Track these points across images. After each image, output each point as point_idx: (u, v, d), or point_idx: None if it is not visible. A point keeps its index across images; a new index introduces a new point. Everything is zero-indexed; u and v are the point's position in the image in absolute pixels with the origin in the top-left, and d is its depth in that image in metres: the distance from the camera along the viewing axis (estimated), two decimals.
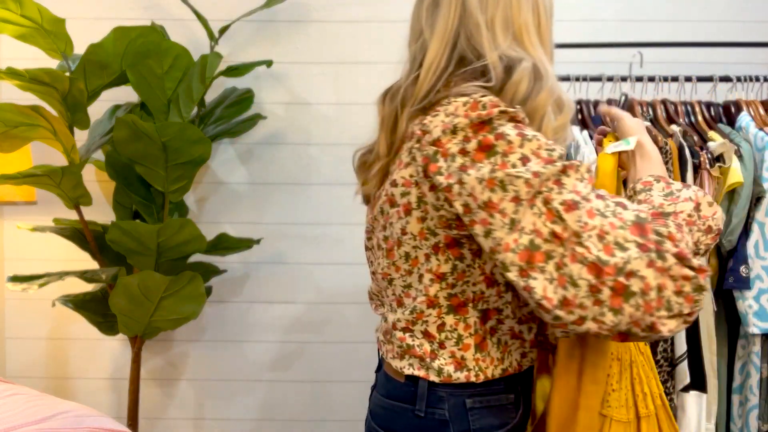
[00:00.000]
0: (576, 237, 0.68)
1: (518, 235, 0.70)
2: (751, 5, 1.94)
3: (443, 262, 0.80)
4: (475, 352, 0.82)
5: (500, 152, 0.71)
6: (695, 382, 1.33)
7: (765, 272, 1.36)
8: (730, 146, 1.39)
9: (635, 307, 0.66)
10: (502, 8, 0.79)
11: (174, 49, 1.64)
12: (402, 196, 0.80)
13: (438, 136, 0.74)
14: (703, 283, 0.67)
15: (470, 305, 0.81)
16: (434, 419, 0.82)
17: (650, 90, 1.60)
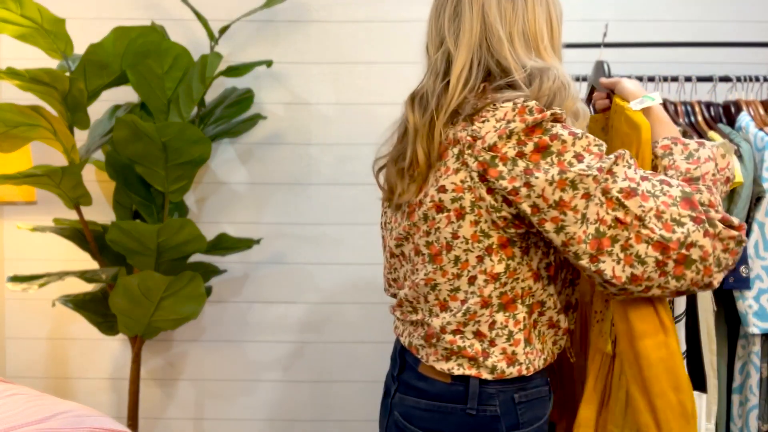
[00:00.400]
0: (639, 220, 0.76)
1: (586, 227, 0.77)
2: (751, 5, 1.94)
3: (497, 263, 0.84)
4: (525, 346, 0.87)
5: (555, 152, 0.77)
6: (695, 382, 1.33)
7: (765, 272, 1.36)
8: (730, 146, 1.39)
9: (696, 272, 0.77)
10: (520, 21, 0.85)
11: (174, 49, 1.64)
12: (453, 201, 0.83)
13: (494, 141, 0.79)
14: (744, 238, 0.78)
15: (519, 301, 0.86)
16: (486, 416, 0.86)
17: (650, 89, 1.60)
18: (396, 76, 1.91)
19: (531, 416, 0.89)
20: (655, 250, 0.76)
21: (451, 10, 0.87)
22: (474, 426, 0.87)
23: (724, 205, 1.39)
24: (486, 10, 0.85)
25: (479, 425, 0.87)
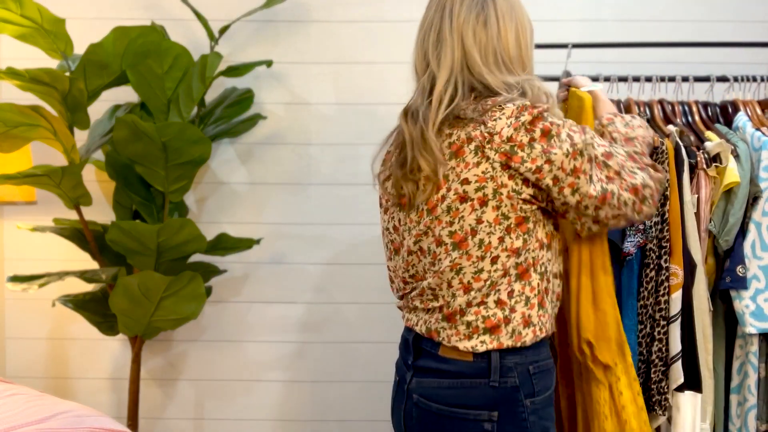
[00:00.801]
0: (618, 174, 1.01)
1: (594, 185, 0.99)
2: (750, 5, 1.94)
3: (515, 239, 0.99)
4: (538, 310, 1.01)
5: (555, 134, 0.98)
6: (690, 382, 1.33)
7: (762, 272, 1.36)
8: (726, 146, 1.39)
9: (648, 206, 1.04)
10: (493, 44, 1.02)
11: (174, 49, 1.65)
12: (476, 191, 0.97)
13: (510, 134, 0.96)
14: (663, 178, 1.09)
15: (531, 270, 1.00)
16: (507, 387, 0.99)
17: (647, 90, 1.61)
18: (396, 76, 1.91)
19: (542, 386, 1.02)
20: (631, 194, 1.02)
21: (435, 36, 1.04)
22: (497, 396, 0.98)
23: (720, 205, 1.40)
24: (464, 37, 1.02)
25: (501, 395, 0.98)
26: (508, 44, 1.03)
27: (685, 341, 1.34)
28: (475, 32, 1.01)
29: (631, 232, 1.34)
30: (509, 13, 1.04)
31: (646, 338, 1.35)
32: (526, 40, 1.06)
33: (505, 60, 1.02)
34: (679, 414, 1.33)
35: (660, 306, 1.34)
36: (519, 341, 0.99)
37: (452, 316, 1.01)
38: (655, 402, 1.33)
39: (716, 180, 1.40)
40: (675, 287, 1.33)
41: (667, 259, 1.34)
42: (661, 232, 1.35)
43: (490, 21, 1.02)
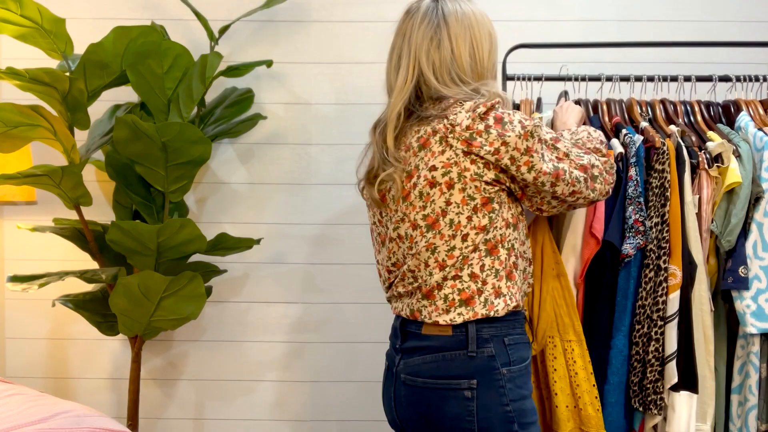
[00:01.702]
0: (566, 156, 1.15)
1: (546, 162, 1.11)
2: (751, 5, 1.94)
3: (482, 218, 1.09)
4: (506, 281, 1.11)
5: (507, 121, 1.09)
6: (686, 382, 1.33)
7: (763, 272, 1.36)
8: (728, 146, 1.39)
9: (600, 183, 1.18)
10: (447, 62, 1.13)
11: (174, 49, 1.65)
12: (443, 175, 1.09)
13: (468, 123, 1.08)
14: (612, 162, 1.22)
15: (499, 246, 1.11)
16: (483, 356, 1.08)
17: (649, 90, 1.60)
18: None
19: (517, 356, 1.11)
20: (582, 171, 1.15)
21: (396, 60, 1.18)
22: (475, 366, 1.07)
23: (722, 205, 1.40)
24: (419, 59, 1.14)
25: (479, 364, 1.07)
26: (462, 62, 1.14)
27: (682, 341, 1.34)
28: (429, 54, 1.14)
29: (631, 234, 1.34)
30: (463, 34, 1.14)
31: (643, 338, 1.35)
32: (482, 54, 1.17)
33: (460, 76, 1.14)
34: (674, 414, 1.33)
35: (658, 306, 1.34)
36: (492, 310, 1.08)
37: (431, 292, 1.11)
38: (650, 401, 1.33)
39: (718, 180, 1.39)
40: (673, 287, 1.34)
41: (666, 260, 1.34)
42: (661, 232, 1.35)
43: (444, 44, 1.14)
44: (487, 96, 1.12)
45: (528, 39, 1.83)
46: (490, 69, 1.20)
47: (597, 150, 1.24)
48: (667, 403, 1.35)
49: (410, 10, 1.18)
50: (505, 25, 1.95)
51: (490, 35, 1.19)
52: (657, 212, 1.35)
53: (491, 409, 1.06)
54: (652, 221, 1.36)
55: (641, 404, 1.35)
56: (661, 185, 1.36)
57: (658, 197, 1.36)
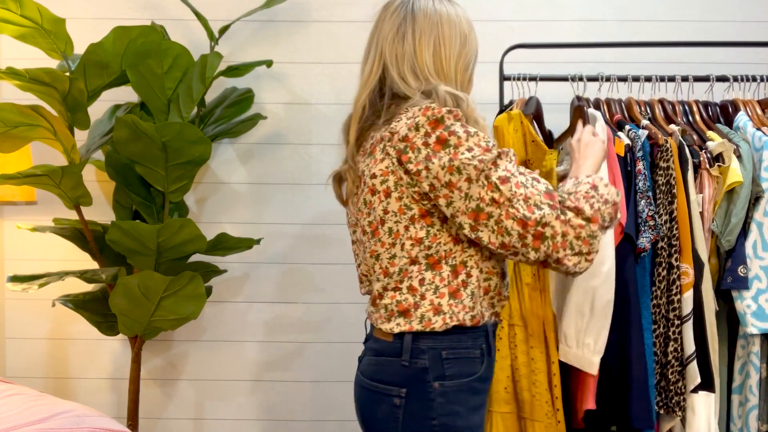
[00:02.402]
0: (509, 201, 1.00)
1: (469, 202, 1.01)
2: (750, 5, 1.94)
3: (419, 229, 1.05)
4: (449, 299, 1.06)
5: (452, 144, 1.01)
6: (704, 382, 1.32)
7: (763, 272, 1.36)
8: (729, 146, 1.39)
9: (547, 247, 1.01)
10: (408, 60, 1.10)
11: (174, 49, 1.65)
12: (381, 183, 1.06)
13: (405, 133, 1.03)
14: (594, 230, 1.02)
15: (443, 262, 1.06)
16: (416, 367, 1.05)
17: (647, 90, 1.61)
18: None
19: (457, 371, 1.06)
20: (518, 225, 1.00)
21: (366, 51, 1.15)
22: (406, 375, 1.06)
23: (723, 204, 1.40)
24: (383, 52, 1.12)
25: (411, 374, 1.06)
26: (422, 59, 1.10)
27: (698, 342, 1.33)
28: (393, 47, 1.11)
29: (645, 228, 1.34)
30: (428, 31, 1.10)
31: (660, 338, 1.34)
32: (448, 54, 1.11)
33: (424, 72, 1.09)
34: (694, 415, 1.32)
35: (673, 305, 1.33)
36: (428, 327, 1.05)
37: (375, 300, 1.11)
38: (674, 403, 1.32)
39: (719, 180, 1.40)
40: (686, 286, 1.33)
41: (677, 258, 1.34)
42: (671, 230, 1.35)
43: (407, 38, 1.10)
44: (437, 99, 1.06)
45: (528, 39, 1.83)
46: (460, 73, 1.13)
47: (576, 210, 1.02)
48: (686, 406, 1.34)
49: (387, 3, 1.16)
50: (506, 25, 1.95)
51: (463, 38, 1.13)
52: (665, 209, 1.35)
53: (417, 420, 1.05)
54: (661, 218, 1.35)
55: (664, 407, 1.34)
56: (667, 182, 1.36)
57: (665, 194, 1.35)
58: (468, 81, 1.15)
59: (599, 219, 1.03)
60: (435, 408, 1.04)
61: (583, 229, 1.01)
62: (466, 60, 1.13)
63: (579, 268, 1.03)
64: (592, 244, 1.02)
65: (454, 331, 1.06)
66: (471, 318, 1.07)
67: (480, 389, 1.10)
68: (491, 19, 1.95)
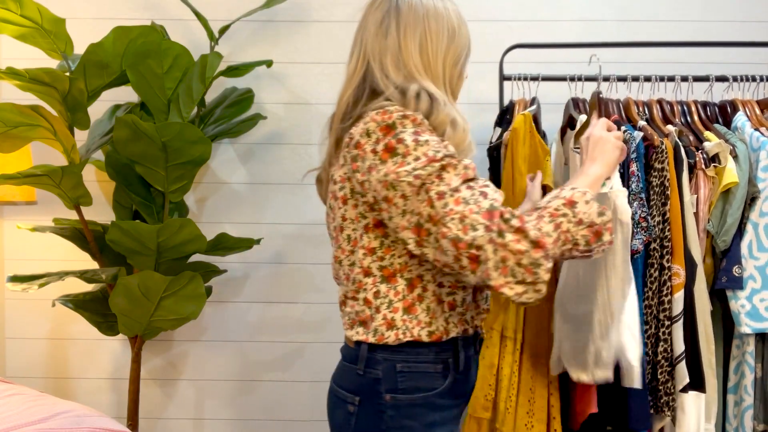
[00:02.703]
0: (442, 220, 0.91)
1: (411, 217, 0.94)
2: (750, 5, 1.94)
3: (373, 239, 1.01)
4: (403, 314, 1.01)
5: (400, 153, 0.94)
6: (693, 382, 1.33)
7: (758, 272, 1.36)
8: (725, 146, 1.39)
9: (482, 272, 0.91)
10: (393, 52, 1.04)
11: (174, 49, 1.65)
12: (340, 189, 1.03)
13: (358, 139, 0.98)
14: (537, 257, 0.90)
15: (398, 275, 1.01)
16: (370, 377, 1.02)
17: (646, 90, 1.61)
18: None
19: (411, 386, 1.02)
20: (452, 246, 0.91)
21: (352, 47, 1.12)
22: (361, 384, 1.03)
23: (719, 205, 1.40)
24: (366, 46, 1.08)
25: (364, 384, 1.03)
26: (409, 53, 1.04)
27: (688, 341, 1.33)
28: (376, 42, 1.06)
29: (637, 230, 1.34)
30: (413, 25, 1.04)
31: (651, 339, 1.35)
32: (434, 49, 1.05)
33: (409, 68, 1.04)
34: (684, 415, 1.33)
35: (664, 306, 1.34)
36: (382, 341, 1.01)
37: (340, 306, 1.10)
38: (663, 403, 1.33)
39: (715, 180, 1.40)
40: (677, 287, 1.34)
41: (669, 259, 1.34)
42: (663, 231, 1.35)
43: (390, 32, 1.05)
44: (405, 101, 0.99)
45: (528, 39, 1.84)
46: (449, 69, 1.07)
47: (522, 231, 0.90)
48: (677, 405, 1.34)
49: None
50: (505, 25, 1.95)
51: (451, 32, 1.06)
52: (658, 210, 1.35)
53: (368, 430, 1.02)
54: (654, 219, 1.36)
55: (653, 406, 1.35)
56: (661, 184, 1.36)
57: (659, 196, 1.36)
58: (458, 77, 1.09)
59: (548, 244, 0.91)
60: (385, 420, 1.01)
61: (523, 255, 0.89)
62: (455, 55, 1.07)
63: (524, 299, 0.92)
64: (536, 273, 0.90)
65: (412, 345, 1.02)
66: (428, 334, 1.01)
67: (442, 405, 1.04)
68: (491, 19, 1.95)
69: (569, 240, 0.95)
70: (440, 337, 1.02)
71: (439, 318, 1.02)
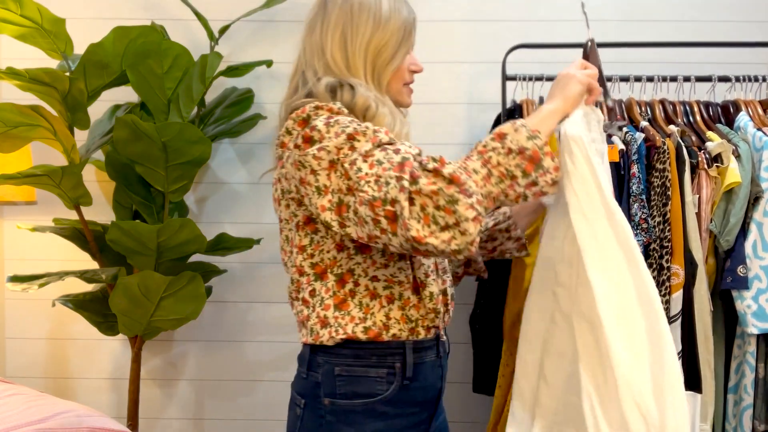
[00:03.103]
0: (357, 185, 0.86)
1: (331, 196, 0.90)
2: (750, 5, 1.94)
3: (303, 237, 0.99)
4: (335, 311, 0.98)
5: (317, 140, 0.92)
6: (690, 383, 1.33)
7: (763, 272, 1.36)
8: (727, 146, 1.39)
9: (402, 227, 0.83)
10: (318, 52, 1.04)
11: (174, 49, 1.65)
12: (275, 191, 1.04)
13: (282, 139, 0.99)
14: (451, 193, 0.82)
15: (329, 271, 0.99)
16: (311, 381, 1.01)
17: (649, 90, 1.61)
18: None
19: (350, 391, 0.98)
20: (369, 210, 0.84)
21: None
22: (304, 387, 1.02)
23: (721, 204, 1.39)
24: (303, 41, 1.07)
25: (307, 387, 1.02)
26: (330, 48, 1.02)
27: (685, 341, 1.34)
28: (306, 40, 1.06)
29: (637, 231, 1.34)
30: (336, 18, 1.03)
31: None
32: (355, 43, 1.02)
33: (329, 62, 1.02)
34: None
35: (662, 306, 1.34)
36: (318, 340, 0.99)
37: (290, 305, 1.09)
38: None
39: (717, 180, 1.40)
40: (675, 287, 1.34)
41: (668, 259, 1.34)
42: (663, 232, 1.35)
43: (316, 29, 1.05)
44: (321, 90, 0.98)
45: (528, 39, 1.83)
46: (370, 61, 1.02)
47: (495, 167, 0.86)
48: None
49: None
50: (505, 25, 1.95)
51: (377, 20, 1.02)
52: (659, 211, 1.35)
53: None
54: (654, 220, 1.36)
55: None
56: (662, 184, 1.36)
57: (660, 196, 1.36)
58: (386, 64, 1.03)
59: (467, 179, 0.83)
60: (324, 425, 0.98)
61: (439, 196, 0.82)
62: (380, 43, 1.02)
63: (453, 246, 0.83)
64: (455, 211, 0.81)
65: (351, 347, 0.98)
66: (364, 330, 0.97)
67: (387, 413, 0.98)
68: (492, 19, 1.95)
69: (504, 174, 0.88)
70: (378, 334, 0.98)
71: (377, 313, 0.98)
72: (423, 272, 1.01)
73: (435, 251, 0.84)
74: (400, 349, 0.99)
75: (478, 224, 0.83)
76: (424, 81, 1.83)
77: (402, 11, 1.04)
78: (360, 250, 0.98)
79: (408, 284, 1.00)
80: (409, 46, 1.06)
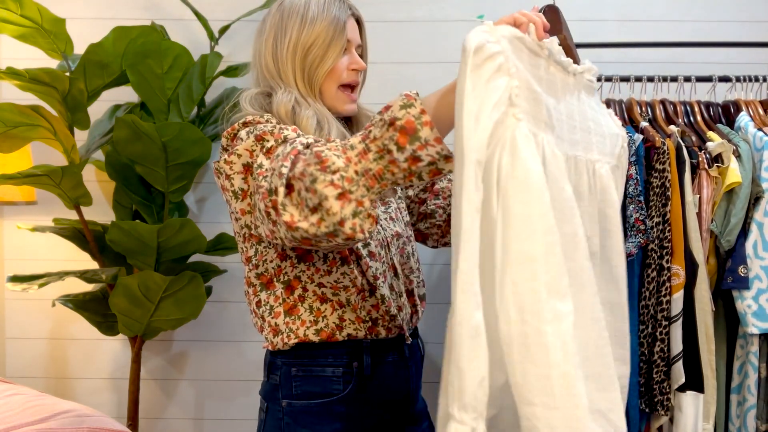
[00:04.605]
0: (257, 181, 0.85)
1: (249, 199, 0.91)
2: (751, 5, 1.94)
3: (249, 248, 0.99)
4: (285, 317, 0.98)
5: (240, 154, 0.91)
6: (692, 382, 1.33)
7: (764, 272, 1.36)
8: (728, 146, 1.39)
9: (281, 215, 0.80)
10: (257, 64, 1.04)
11: (174, 49, 1.65)
12: (225, 203, 1.00)
13: (221, 155, 0.96)
14: (312, 171, 0.76)
15: (275, 280, 0.98)
16: (272, 383, 1.01)
17: (649, 90, 1.60)
18: (396, 76, 1.91)
19: (306, 391, 0.98)
20: (261, 203, 0.83)
21: None
22: (267, 390, 1.03)
23: (722, 204, 1.39)
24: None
25: (268, 390, 1.02)
26: (263, 56, 1.03)
27: (687, 341, 1.34)
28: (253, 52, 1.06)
29: (632, 232, 1.34)
30: (270, 26, 1.02)
31: (648, 338, 1.35)
32: (282, 43, 1.00)
33: (264, 71, 1.03)
34: (681, 414, 1.33)
35: (662, 306, 1.34)
36: (274, 348, 1.00)
37: None
38: (657, 402, 1.33)
39: (718, 180, 1.40)
40: (676, 287, 1.34)
41: (668, 260, 1.34)
42: (663, 232, 1.35)
43: (257, 40, 1.05)
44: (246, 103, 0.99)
45: None
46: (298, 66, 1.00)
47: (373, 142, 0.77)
48: (673, 404, 1.35)
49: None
50: None
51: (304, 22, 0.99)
52: (658, 212, 1.35)
53: None
54: (653, 221, 1.36)
55: (648, 405, 1.36)
56: (662, 185, 1.36)
57: (659, 197, 1.36)
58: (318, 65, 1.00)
59: (335, 157, 0.76)
60: (283, 428, 0.98)
61: (306, 176, 0.77)
62: (305, 44, 0.99)
63: (323, 229, 0.77)
64: (315, 189, 0.75)
65: (306, 347, 0.98)
66: (316, 332, 0.97)
67: (345, 414, 0.97)
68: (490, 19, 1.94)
69: (382, 149, 0.76)
70: (331, 335, 0.97)
71: (329, 316, 0.97)
72: (371, 275, 0.98)
73: (312, 237, 0.78)
74: (356, 348, 0.98)
75: (346, 202, 0.75)
76: (424, 80, 1.83)
77: (332, 10, 1.01)
78: (302, 258, 0.96)
79: (354, 288, 0.98)
80: (341, 44, 1.01)
